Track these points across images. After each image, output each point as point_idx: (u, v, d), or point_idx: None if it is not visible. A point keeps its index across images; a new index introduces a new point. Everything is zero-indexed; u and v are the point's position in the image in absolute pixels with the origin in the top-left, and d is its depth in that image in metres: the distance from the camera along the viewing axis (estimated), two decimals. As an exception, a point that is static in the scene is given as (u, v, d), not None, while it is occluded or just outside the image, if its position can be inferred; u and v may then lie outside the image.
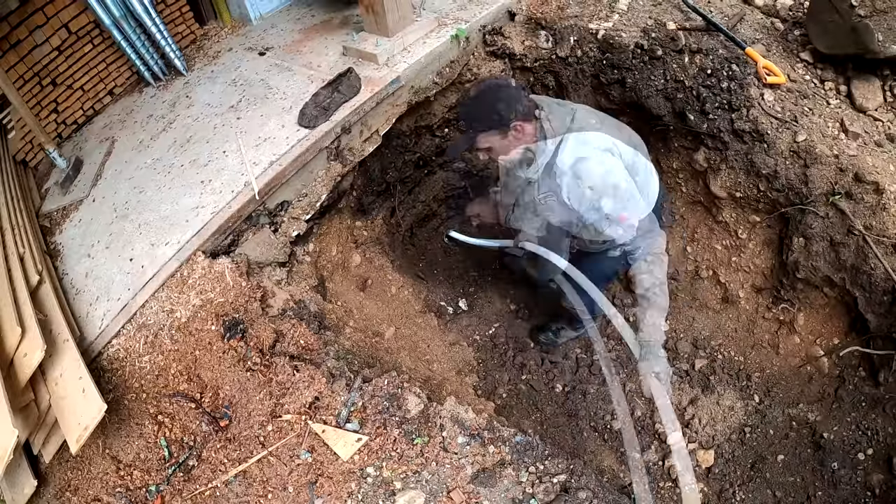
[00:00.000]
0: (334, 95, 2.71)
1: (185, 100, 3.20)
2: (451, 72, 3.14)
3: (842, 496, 2.53)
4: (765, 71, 2.82)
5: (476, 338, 3.36)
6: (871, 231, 2.58)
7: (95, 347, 2.25)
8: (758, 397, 2.96)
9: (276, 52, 3.38)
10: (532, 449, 1.97)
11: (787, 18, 3.15)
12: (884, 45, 2.61)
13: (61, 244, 2.69)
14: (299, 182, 2.64)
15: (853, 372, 2.78)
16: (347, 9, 3.60)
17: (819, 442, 2.67)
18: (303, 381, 2.06)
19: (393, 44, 2.95)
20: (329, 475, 1.89)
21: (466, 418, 2.01)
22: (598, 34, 3.11)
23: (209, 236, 2.36)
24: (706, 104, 2.94)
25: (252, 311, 2.25)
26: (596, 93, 3.35)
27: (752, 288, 3.17)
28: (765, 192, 2.93)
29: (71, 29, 3.11)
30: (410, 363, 2.71)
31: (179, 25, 3.61)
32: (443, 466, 1.86)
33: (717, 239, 3.24)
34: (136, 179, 2.76)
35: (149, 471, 2.06)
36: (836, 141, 2.71)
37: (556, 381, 3.23)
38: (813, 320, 2.98)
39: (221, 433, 2.07)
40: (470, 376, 2.95)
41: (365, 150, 2.85)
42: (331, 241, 3.02)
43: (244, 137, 2.74)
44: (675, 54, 3.00)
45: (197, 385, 2.15)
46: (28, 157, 3.18)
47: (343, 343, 2.40)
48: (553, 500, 1.83)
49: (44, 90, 3.12)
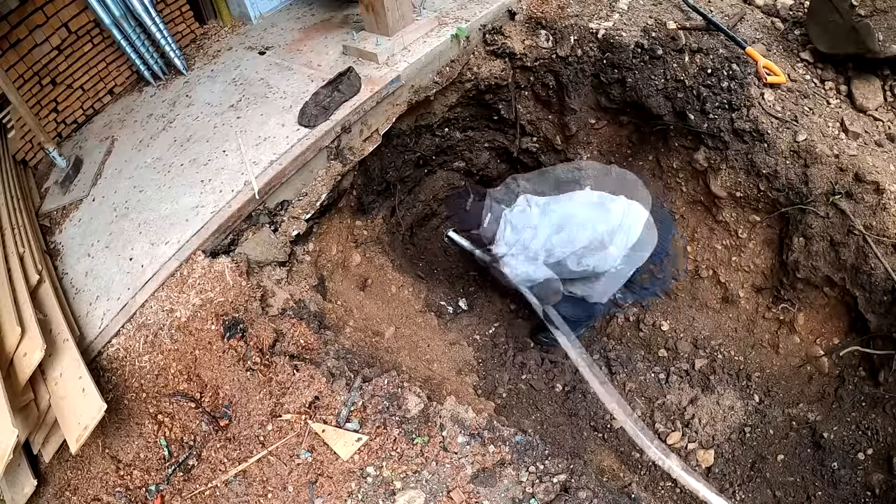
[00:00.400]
0: (334, 94, 2.71)
1: (185, 99, 3.20)
2: (452, 71, 3.14)
3: (842, 496, 2.53)
4: (765, 70, 2.82)
5: (476, 337, 3.36)
6: (871, 231, 2.58)
7: (95, 347, 2.25)
8: (758, 397, 2.96)
9: (277, 52, 3.38)
10: (532, 449, 1.97)
11: (788, 18, 3.15)
12: (884, 44, 2.60)
13: (61, 243, 2.69)
14: (299, 181, 2.64)
15: (853, 372, 2.78)
16: (347, 8, 3.60)
17: (819, 442, 2.67)
18: (303, 381, 2.06)
19: (393, 43, 2.95)
20: (329, 475, 1.89)
21: (466, 418, 2.01)
22: (598, 33, 3.10)
23: (209, 236, 2.36)
24: (706, 104, 2.94)
25: (252, 310, 2.25)
26: (596, 92, 3.34)
27: (753, 287, 3.17)
28: (765, 191, 2.92)
29: (71, 28, 3.11)
30: (410, 363, 2.71)
31: (179, 25, 3.61)
32: (443, 466, 1.86)
33: (718, 238, 3.24)
34: (136, 179, 2.76)
35: (148, 470, 2.06)
36: (837, 141, 2.71)
37: (556, 381, 3.23)
38: (813, 320, 2.97)
39: (221, 433, 2.07)
40: (470, 376, 2.94)
41: (365, 150, 2.85)
42: (331, 241, 3.02)
43: (244, 137, 2.74)
44: (675, 54, 2.99)
45: (197, 384, 2.15)
46: (28, 156, 3.18)
47: (343, 343, 2.40)
48: (553, 499, 1.83)
49: (43, 89, 3.12)
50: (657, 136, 3.32)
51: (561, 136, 3.63)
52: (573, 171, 2.97)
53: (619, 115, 3.43)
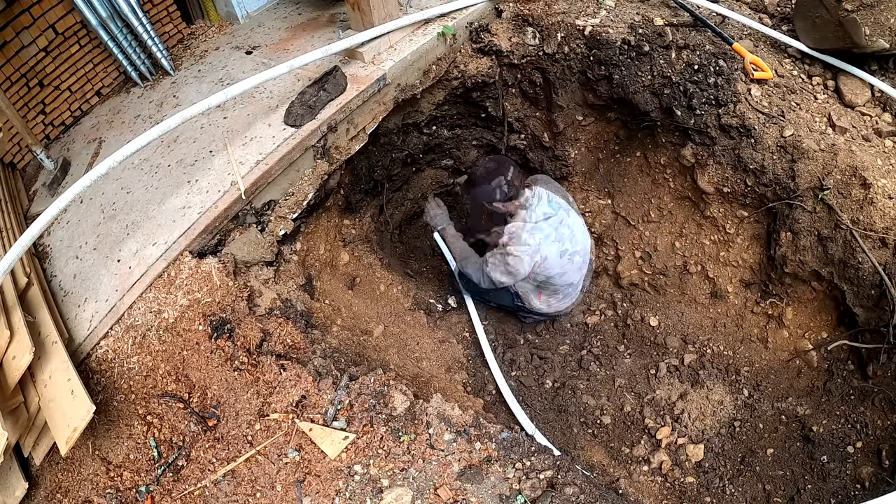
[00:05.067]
0: (320, 94, 2.71)
1: (173, 99, 3.19)
2: (438, 69, 3.14)
3: (831, 489, 2.54)
4: (752, 66, 2.83)
5: (466, 335, 3.36)
6: (858, 225, 2.59)
7: (84, 349, 2.25)
8: (747, 391, 2.97)
9: (263, 51, 3.38)
10: (518, 445, 1.98)
11: (775, 14, 3.17)
12: (871, 38, 2.61)
13: (49, 246, 2.69)
14: (286, 181, 2.64)
15: (842, 366, 2.79)
16: (334, 6, 3.60)
17: (808, 435, 2.68)
18: (290, 380, 2.07)
19: (379, 41, 2.95)
20: (317, 473, 1.90)
21: (453, 415, 2.02)
22: (585, 30, 3.10)
23: (196, 236, 2.36)
24: (693, 100, 2.95)
25: (239, 310, 2.26)
26: (583, 89, 3.35)
27: (741, 283, 3.18)
28: (752, 186, 2.94)
29: (58, 30, 3.09)
30: (399, 361, 2.71)
31: (167, 25, 3.59)
32: (430, 463, 1.87)
33: (706, 234, 3.25)
34: (123, 180, 2.75)
35: (138, 471, 2.07)
36: (824, 136, 2.72)
37: (545, 377, 3.24)
38: (801, 314, 2.99)
39: (210, 433, 2.07)
40: (459, 373, 2.95)
41: (352, 149, 2.85)
42: (318, 240, 3.02)
43: (231, 137, 2.74)
44: (662, 50, 3.00)
45: (185, 385, 2.16)
46: (16, 158, 3.17)
47: (330, 341, 2.41)
48: (540, 495, 1.84)
49: (31, 91, 3.10)
50: (644, 132, 3.33)
51: (548, 133, 3.63)
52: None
53: (606, 112, 3.43)
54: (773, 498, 2.61)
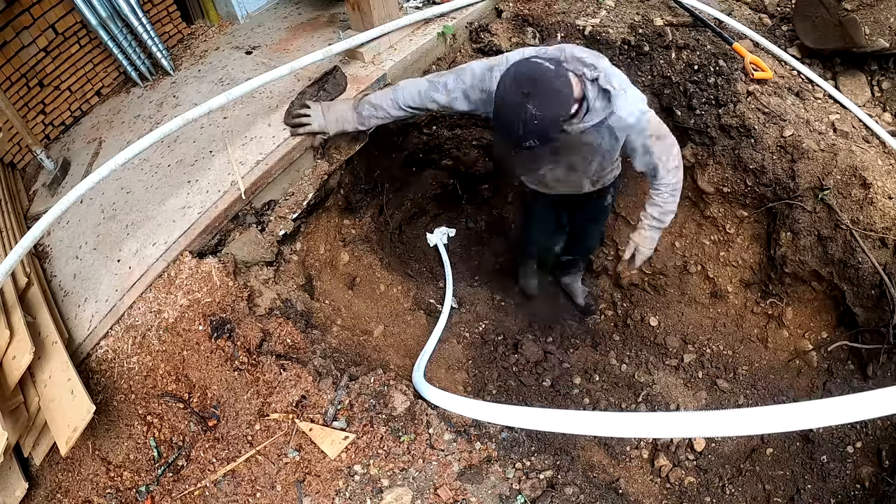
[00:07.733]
0: (320, 94, 2.71)
1: (172, 99, 3.19)
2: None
3: (831, 489, 2.54)
4: (752, 66, 2.83)
5: (465, 335, 3.36)
6: (858, 225, 2.59)
7: (84, 349, 2.25)
8: (747, 391, 2.97)
9: (263, 51, 3.37)
10: (518, 445, 1.98)
11: (775, 14, 3.17)
12: (871, 38, 2.61)
13: (49, 246, 2.68)
14: (286, 181, 2.64)
15: (841, 366, 2.79)
16: (334, 6, 3.60)
17: (808, 435, 2.68)
18: (289, 380, 2.07)
19: (379, 41, 2.95)
20: (317, 473, 1.90)
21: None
22: (585, 30, 3.10)
23: (196, 236, 2.36)
24: (693, 100, 2.95)
25: (239, 310, 2.26)
26: (584, 89, 3.34)
27: (741, 283, 3.18)
28: (752, 187, 2.94)
29: (58, 30, 3.09)
30: (399, 361, 2.71)
31: (166, 25, 3.59)
32: (430, 463, 1.87)
33: (706, 234, 3.25)
34: (123, 180, 2.75)
35: (138, 471, 2.07)
36: (824, 136, 2.72)
37: (544, 377, 3.24)
38: (801, 314, 2.99)
39: (210, 433, 2.07)
40: (460, 373, 2.95)
41: (352, 149, 2.84)
42: (318, 240, 3.02)
43: (231, 137, 2.73)
44: (662, 50, 3.00)
45: (185, 385, 2.16)
46: (16, 159, 3.17)
47: (330, 341, 2.41)
48: (540, 495, 1.84)
49: (31, 91, 3.10)
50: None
51: (549, 132, 3.62)
52: None
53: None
54: (773, 498, 2.61)
